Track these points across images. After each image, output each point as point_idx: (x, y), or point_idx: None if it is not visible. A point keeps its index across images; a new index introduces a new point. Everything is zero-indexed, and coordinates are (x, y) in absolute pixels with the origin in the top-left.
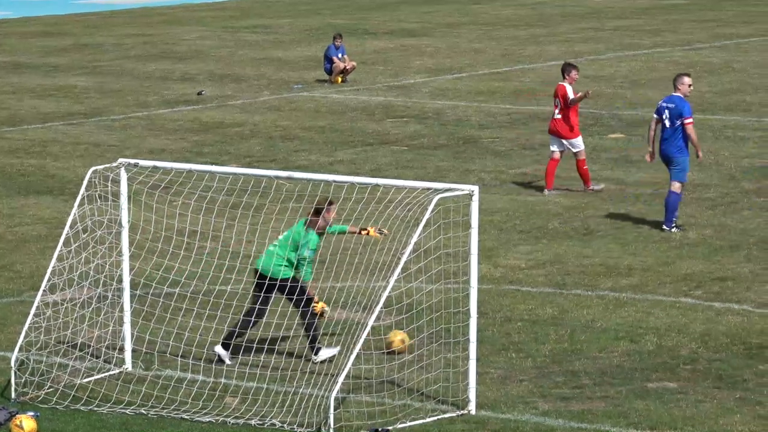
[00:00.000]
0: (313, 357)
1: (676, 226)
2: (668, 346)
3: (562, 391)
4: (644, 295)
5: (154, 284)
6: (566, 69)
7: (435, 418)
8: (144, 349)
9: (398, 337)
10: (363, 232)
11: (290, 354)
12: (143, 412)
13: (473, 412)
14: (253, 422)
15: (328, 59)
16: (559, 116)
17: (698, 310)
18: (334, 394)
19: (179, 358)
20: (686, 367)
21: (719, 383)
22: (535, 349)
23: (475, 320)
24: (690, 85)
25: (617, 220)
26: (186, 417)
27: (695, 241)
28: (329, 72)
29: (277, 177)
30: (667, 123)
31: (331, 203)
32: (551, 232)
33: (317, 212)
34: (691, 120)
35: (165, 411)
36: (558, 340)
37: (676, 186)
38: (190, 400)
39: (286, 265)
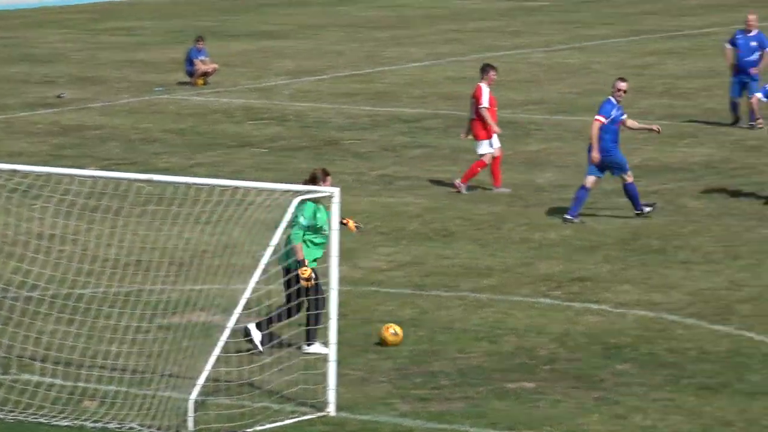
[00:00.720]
0: (305, 346)
1: (647, 205)
2: (527, 347)
3: (422, 391)
4: (504, 296)
5: (12, 288)
6: (485, 69)
7: (294, 420)
8: (2, 354)
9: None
10: (343, 221)
11: (149, 356)
12: (1, 417)
13: (333, 413)
14: (111, 425)
15: (190, 61)
16: (475, 117)
17: (557, 310)
18: (193, 396)
19: (37, 362)
20: (545, 368)
21: (577, 383)
22: (395, 351)
23: (335, 322)
24: (620, 90)
25: (477, 221)
26: (44, 421)
27: (555, 241)
28: (191, 74)
29: (137, 180)
30: None
31: (327, 174)
32: (411, 233)
33: (313, 182)
34: (597, 118)
35: (23, 416)
36: (418, 341)
37: (628, 177)
38: (48, 404)
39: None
